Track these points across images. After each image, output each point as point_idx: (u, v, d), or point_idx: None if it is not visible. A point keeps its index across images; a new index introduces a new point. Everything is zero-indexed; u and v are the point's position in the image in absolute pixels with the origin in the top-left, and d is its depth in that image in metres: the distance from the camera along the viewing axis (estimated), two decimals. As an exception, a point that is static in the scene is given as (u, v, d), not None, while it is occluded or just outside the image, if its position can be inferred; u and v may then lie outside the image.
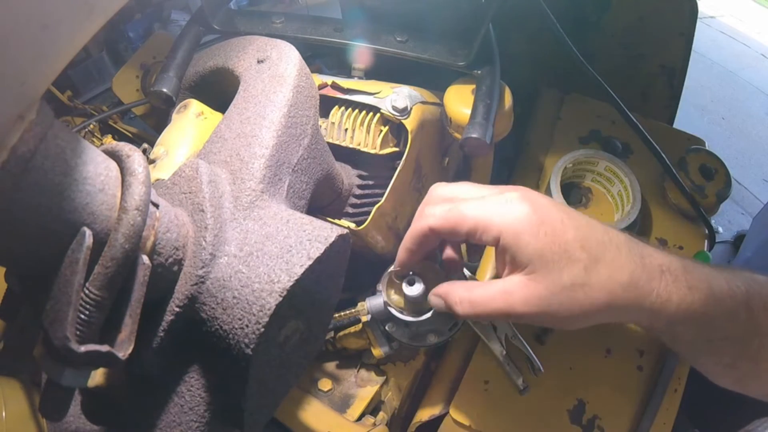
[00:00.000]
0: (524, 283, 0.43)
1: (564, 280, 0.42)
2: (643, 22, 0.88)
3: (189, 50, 0.61)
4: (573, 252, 0.42)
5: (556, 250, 0.42)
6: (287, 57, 0.50)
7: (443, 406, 0.61)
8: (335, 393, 0.66)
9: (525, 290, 0.43)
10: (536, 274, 0.43)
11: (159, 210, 0.34)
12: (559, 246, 0.42)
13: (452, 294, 0.47)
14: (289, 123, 0.46)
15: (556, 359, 0.61)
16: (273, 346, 0.37)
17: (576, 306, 0.42)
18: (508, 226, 0.43)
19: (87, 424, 0.40)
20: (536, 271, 0.42)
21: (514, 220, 0.43)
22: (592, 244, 0.43)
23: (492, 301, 0.44)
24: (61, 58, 0.26)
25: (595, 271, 0.42)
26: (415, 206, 0.54)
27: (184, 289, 0.35)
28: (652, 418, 0.57)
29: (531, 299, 0.43)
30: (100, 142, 0.95)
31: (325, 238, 0.36)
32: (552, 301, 0.42)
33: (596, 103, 0.81)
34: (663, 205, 0.72)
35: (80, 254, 0.28)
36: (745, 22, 4.44)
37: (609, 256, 0.43)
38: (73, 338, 0.27)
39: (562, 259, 0.42)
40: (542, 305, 0.43)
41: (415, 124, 0.60)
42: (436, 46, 0.63)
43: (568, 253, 0.42)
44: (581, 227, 0.44)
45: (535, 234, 0.43)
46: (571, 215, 0.45)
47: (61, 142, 0.28)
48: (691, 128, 0.83)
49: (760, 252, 1.62)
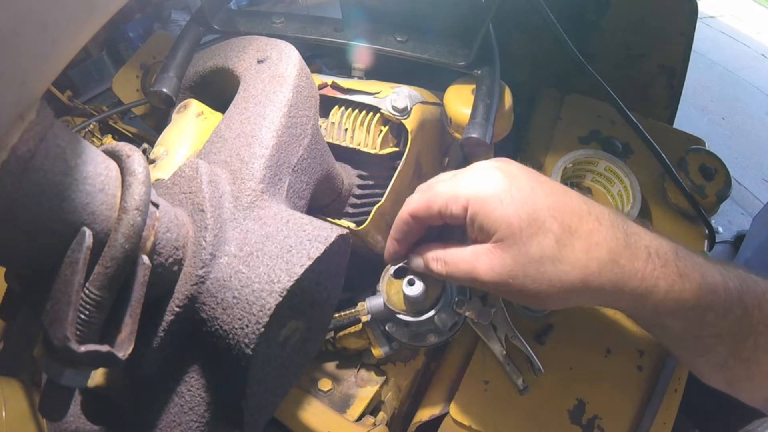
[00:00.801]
0: (490, 251, 0.41)
1: (532, 252, 0.39)
2: (643, 22, 0.88)
3: (189, 50, 0.61)
4: (543, 221, 0.39)
5: (525, 217, 0.39)
6: (287, 57, 0.50)
7: (443, 406, 0.61)
8: (335, 393, 0.66)
9: (491, 257, 0.40)
10: (503, 243, 0.40)
11: (159, 210, 0.34)
12: (528, 214, 0.39)
13: (431, 251, 0.47)
14: (289, 123, 0.46)
15: (556, 359, 0.61)
16: (273, 346, 0.37)
17: (545, 282, 0.39)
18: (475, 192, 0.41)
19: (87, 424, 0.40)
20: (503, 239, 0.40)
21: (481, 186, 0.41)
22: (566, 213, 0.40)
23: (461, 262, 0.43)
24: (61, 58, 0.26)
25: (569, 244, 0.39)
26: (415, 206, 0.54)
27: (184, 289, 0.35)
28: (652, 418, 0.57)
29: (495, 267, 0.40)
30: (100, 142, 0.95)
31: (325, 238, 0.36)
32: (518, 273, 0.39)
33: (596, 103, 0.81)
34: (663, 205, 0.72)
35: (80, 254, 0.28)
36: (745, 22, 4.44)
37: (586, 228, 0.39)
38: (73, 338, 0.27)
39: (531, 227, 0.39)
40: (507, 276, 0.40)
41: (415, 124, 0.60)
42: (436, 46, 0.63)
43: (538, 222, 0.39)
44: (555, 194, 0.41)
45: (501, 200, 0.40)
46: (543, 182, 0.42)
47: (61, 142, 0.28)
48: (691, 128, 0.83)
49: (760, 252, 1.61)
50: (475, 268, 0.41)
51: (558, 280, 0.39)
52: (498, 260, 0.40)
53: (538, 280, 0.39)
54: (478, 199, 0.41)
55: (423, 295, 0.51)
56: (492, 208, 0.40)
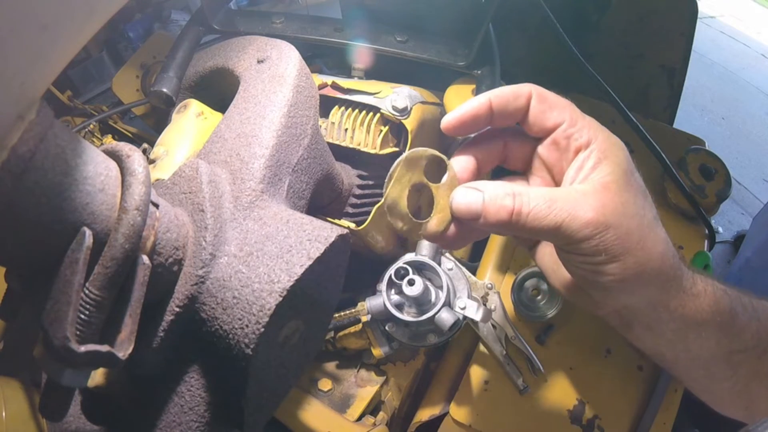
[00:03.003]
0: (604, 187, 0.37)
1: (638, 207, 0.37)
2: (643, 22, 0.88)
3: (189, 50, 0.61)
4: (645, 190, 0.39)
5: (636, 173, 0.39)
6: (287, 57, 0.50)
7: (443, 406, 0.61)
8: (335, 393, 0.66)
9: (601, 196, 0.36)
10: (615, 183, 0.37)
11: (159, 210, 0.34)
12: (637, 175, 0.39)
13: (496, 185, 0.38)
14: (289, 123, 0.46)
15: (557, 359, 0.61)
16: (273, 346, 0.36)
17: (638, 243, 0.36)
18: (606, 138, 0.39)
19: (87, 424, 0.40)
20: (616, 180, 0.37)
21: (615, 141, 0.39)
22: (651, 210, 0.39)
23: (559, 200, 0.36)
24: (61, 59, 0.26)
25: (658, 225, 0.38)
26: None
27: (184, 289, 0.35)
28: (652, 418, 0.57)
29: (608, 206, 0.36)
30: (100, 142, 0.95)
31: (325, 238, 0.36)
32: (622, 223, 0.36)
33: (596, 103, 0.81)
34: (663, 205, 0.72)
35: (80, 254, 0.28)
36: (745, 22, 4.45)
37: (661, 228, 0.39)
38: (73, 338, 0.27)
39: (639, 186, 0.38)
40: (612, 221, 0.36)
41: (415, 124, 0.60)
42: (436, 46, 0.63)
43: (642, 187, 0.39)
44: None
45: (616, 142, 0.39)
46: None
47: (61, 142, 0.28)
48: (691, 128, 0.83)
49: (760, 252, 1.62)
50: (579, 206, 0.36)
51: (651, 248, 0.37)
52: (609, 199, 0.36)
53: (635, 238, 0.36)
54: (593, 123, 0.39)
55: (423, 295, 0.51)
56: (608, 139, 0.38)
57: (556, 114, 0.39)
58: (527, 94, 0.39)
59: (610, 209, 0.36)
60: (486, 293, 0.62)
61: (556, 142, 0.40)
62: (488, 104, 0.39)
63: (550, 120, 0.39)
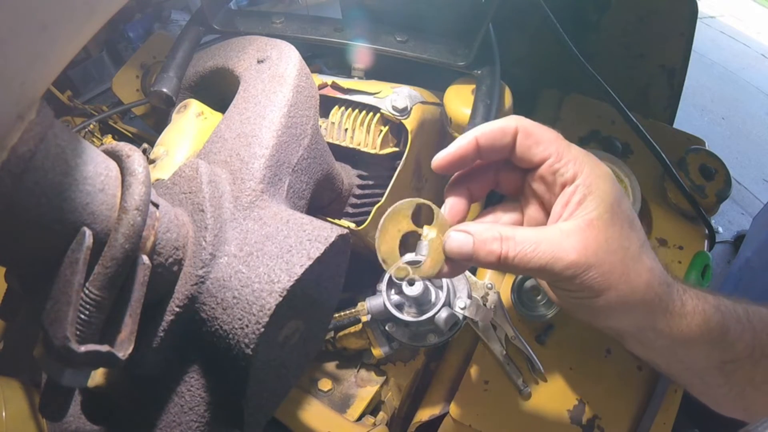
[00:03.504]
0: (588, 225, 0.38)
1: (622, 240, 0.38)
2: (642, 22, 0.88)
3: (189, 50, 0.61)
4: (633, 219, 0.40)
5: (624, 204, 0.40)
6: (287, 57, 0.50)
7: (443, 406, 0.61)
8: (335, 393, 0.66)
9: (585, 235, 0.37)
10: (600, 220, 0.38)
11: (159, 210, 0.34)
12: (626, 204, 0.40)
13: (485, 228, 0.39)
14: (289, 123, 0.46)
15: (557, 359, 0.61)
16: (273, 346, 0.36)
17: (622, 278, 0.38)
18: (591, 171, 0.39)
19: (87, 424, 0.40)
20: (600, 216, 0.38)
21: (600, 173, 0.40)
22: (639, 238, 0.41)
23: (543, 242, 0.38)
24: (61, 59, 0.26)
25: (645, 251, 0.39)
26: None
27: (184, 289, 0.35)
28: (652, 418, 0.57)
29: (590, 246, 0.37)
30: (100, 142, 0.95)
31: (325, 238, 0.36)
32: (605, 260, 0.38)
33: (596, 103, 0.81)
34: (663, 205, 0.72)
35: (80, 254, 0.28)
36: (745, 22, 4.45)
37: (647, 244, 0.41)
38: (73, 338, 0.27)
39: (628, 218, 0.39)
40: (595, 260, 0.37)
41: (415, 124, 0.60)
42: (436, 46, 0.63)
43: (631, 217, 0.40)
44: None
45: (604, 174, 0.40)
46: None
47: (61, 142, 0.28)
48: (691, 128, 0.83)
49: (760, 252, 1.61)
50: (562, 248, 0.37)
51: (634, 279, 0.38)
52: (593, 238, 0.37)
53: (617, 273, 0.38)
54: (578, 156, 0.39)
55: (423, 295, 0.51)
56: (593, 171, 0.39)
57: (542, 149, 0.40)
58: (513, 131, 0.40)
59: (592, 249, 0.37)
60: (486, 293, 0.62)
61: (542, 176, 0.41)
62: (475, 143, 0.40)
63: (536, 155, 0.40)
